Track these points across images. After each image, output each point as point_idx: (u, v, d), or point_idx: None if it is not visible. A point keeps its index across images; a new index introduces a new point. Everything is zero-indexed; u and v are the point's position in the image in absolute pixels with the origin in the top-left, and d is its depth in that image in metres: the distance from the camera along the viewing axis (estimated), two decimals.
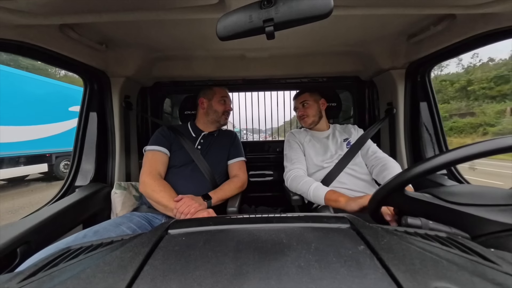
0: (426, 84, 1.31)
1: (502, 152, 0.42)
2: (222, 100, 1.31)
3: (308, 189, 1.07)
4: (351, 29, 1.11)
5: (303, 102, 1.35)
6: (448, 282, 0.26)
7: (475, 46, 0.97)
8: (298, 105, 1.39)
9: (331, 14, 0.47)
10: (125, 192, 1.24)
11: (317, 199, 1.04)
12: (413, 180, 0.51)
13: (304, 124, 1.38)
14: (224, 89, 1.37)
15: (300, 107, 1.37)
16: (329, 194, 1.01)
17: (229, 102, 1.36)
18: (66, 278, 0.31)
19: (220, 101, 1.31)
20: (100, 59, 1.19)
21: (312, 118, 1.34)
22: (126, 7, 0.76)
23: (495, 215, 0.46)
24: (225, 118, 1.33)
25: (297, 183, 1.12)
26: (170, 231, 0.43)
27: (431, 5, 0.81)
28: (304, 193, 1.09)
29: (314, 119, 1.34)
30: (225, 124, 1.37)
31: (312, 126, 1.36)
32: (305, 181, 1.10)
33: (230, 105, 1.36)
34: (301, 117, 1.36)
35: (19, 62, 10.02)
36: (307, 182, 1.10)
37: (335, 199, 0.99)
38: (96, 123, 1.28)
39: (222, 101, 1.31)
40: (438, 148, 1.32)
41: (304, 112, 1.34)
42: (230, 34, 0.52)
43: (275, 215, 0.48)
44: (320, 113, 1.36)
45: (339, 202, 0.97)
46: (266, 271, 0.30)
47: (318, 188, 1.05)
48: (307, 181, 1.10)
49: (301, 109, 1.36)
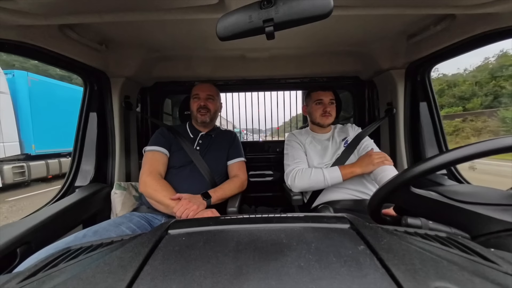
0: (426, 84, 1.31)
1: (502, 152, 0.42)
2: (195, 97, 1.27)
3: (323, 175, 1.10)
4: (351, 29, 1.11)
5: (332, 100, 1.30)
6: (448, 282, 0.26)
7: (475, 46, 0.97)
8: (326, 100, 1.29)
9: (331, 14, 0.47)
10: (125, 192, 1.24)
11: (334, 180, 1.10)
12: (419, 177, 0.50)
13: (325, 121, 1.30)
14: (200, 85, 1.29)
15: (328, 103, 1.29)
16: (343, 169, 1.10)
17: (203, 97, 1.25)
18: (66, 279, 0.31)
19: (194, 99, 1.27)
20: (100, 59, 1.19)
21: (333, 119, 1.31)
22: (126, 7, 0.76)
23: (498, 214, 0.46)
24: (200, 115, 1.24)
25: (308, 176, 1.13)
26: (170, 231, 0.43)
27: (431, 5, 0.81)
28: (320, 181, 1.11)
29: (333, 120, 1.32)
30: (204, 122, 1.26)
31: (319, 129, 1.35)
32: (315, 171, 1.13)
33: (203, 101, 1.24)
34: (326, 114, 1.28)
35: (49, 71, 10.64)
36: (317, 170, 1.13)
37: (350, 171, 1.10)
38: (96, 123, 1.28)
39: (195, 99, 1.27)
40: (438, 148, 1.32)
41: (332, 110, 1.29)
42: (230, 34, 0.52)
43: (275, 215, 0.48)
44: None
45: (355, 171, 1.09)
46: (266, 271, 0.30)
47: (331, 170, 1.11)
48: (316, 170, 1.13)
49: (329, 106, 1.29)
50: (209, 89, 1.28)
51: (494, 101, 17.34)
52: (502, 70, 18.55)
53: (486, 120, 14.53)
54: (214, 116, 1.31)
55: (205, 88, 1.27)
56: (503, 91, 17.46)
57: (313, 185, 1.13)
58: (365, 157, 1.12)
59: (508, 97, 16.93)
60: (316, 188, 1.17)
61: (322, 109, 1.28)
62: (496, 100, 17.37)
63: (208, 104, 1.25)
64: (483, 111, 15.94)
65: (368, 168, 1.08)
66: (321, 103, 1.29)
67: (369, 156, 1.10)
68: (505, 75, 18.18)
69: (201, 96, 1.26)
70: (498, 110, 14.62)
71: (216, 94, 1.31)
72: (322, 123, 1.31)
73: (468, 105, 18.54)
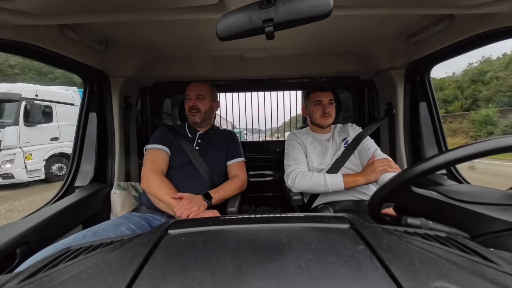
0: (426, 84, 1.32)
1: (502, 151, 0.42)
2: (186, 98, 1.26)
3: (324, 179, 1.09)
4: (350, 29, 1.11)
5: (331, 100, 1.28)
6: (447, 282, 0.26)
7: (475, 46, 0.97)
8: (325, 101, 1.27)
9: (330, 14, 0.47)
10: (125, 192, 1.23)
11: (336, 186, 1.07)
12: (419, 177, 0.50)
13: (325, 122, 1.29)
14: (191, 85, 1.27)
15: (327, 104, 1.27)
16: (346, 177, 1.07)
17: (193, 97, 1.23)
18: (65, 279, 0.31)
19: (186, 99, 1.26)
20: (99, 59, 1.19)
21: (333, 120, 1.30)
22: (126, 7, 0.76)
23: (497, 214, 0.46)
24: (191, 115, 1.24)
25: (309, 179, 1.12)
26: (170, 231, 0.43)
27: (430, 5, 0.81)
28: (320, 185, 1.09)
29: (333, 121, 1.31)
30: (194, 122, 1.26)
31: (319, 129, 1.34)
32: (316, 175, 1.12)
33: (192, 102, 1.23)
34: (326, 115, 1.27)
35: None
36: (318, 175, 1.12)
37: (353, 180, 1.07)
38: (96, 124, 1.28)
39: (187, 99, 1.26)
40: (438, 148, 1.32)
41: (331, 111, 1.27)
42: (229, 34, 0.52)
43: (275, 215, 0.48)
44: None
45: (358, 180, 1.06)
46: (266, 271, 0.30)
47: (333, 176, 1.09)
48: (318, 174, 1.12)
49: (328, 106, 1.27)
50: (198, 89, 1.25)
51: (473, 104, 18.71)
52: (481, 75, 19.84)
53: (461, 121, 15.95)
54: (206, 116, 1.27)
55: (195, 88, 1.25)
56: (480, 95, 18.82)
57: (313, 188, 1.13)
58: (368, 166, 1.10)
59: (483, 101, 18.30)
60: (315, 192, 1.16)
61: (321, 110, 1.27)
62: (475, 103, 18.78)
63: (198, 104, 1.23)
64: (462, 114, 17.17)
65: (372, 177, 1.05)
66: (320, 104, 1.28)
67: (371, 165, 1.08)
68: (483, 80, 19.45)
69: (191, 96, 1.24)
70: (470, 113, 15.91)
71: (208, 93, 1.27)
72: (322, 124, 1.30)
73: (450, 108, 19.70)
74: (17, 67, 14.28)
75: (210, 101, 1.28)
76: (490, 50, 28.81)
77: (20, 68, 14.43)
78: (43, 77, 15.45)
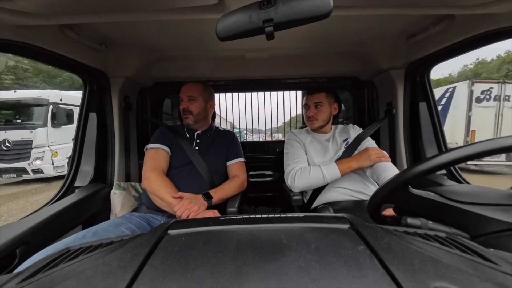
0: (426, 84, 1.32)
1: (502, 152, 0.42)
2: (180, 100, 1.25)
3: (321, 172, 1.10)
4: (350, 29, 1.11)
5: (317, 103, 1.23)
6: (447, 282, 0.26)
7: (475, 47, 0.97)
8: (310, 104, 1.25)
9: (330, 15, 0.47)
10: (125, 192, 1.23)
11: (333, 176, 1.10)
12: (418, 177, 0.50)
13: (311, 126, 1.29)
14: (183, 86, 1.25)
15: (312, 107, 1.24)
16: (340, 165, 1.11)
17: (185, 99, 1.21)
18: (65, 279, 0.31)
19: (180, 101, 1.25)
20: (99, 59, 1.19)
21: (321, 123, 1.26)
22: (126, 7, 0.76)
23: (497, 214, 0.46)
24: (184, 118, 1.23)
25: (308, 174, 1.13)
26: (170, 231, 0.43)
27: (430, 6, 0.81)
28: (319, 178, 1.11)
29: (323, 124, 1.27)
30: (188, 124, 1.26)
31: (317, 130, 1.32)
32: (313, 169, 1.13)
33: (184, 104, 1.21)
34: (311, 118, 1.25)
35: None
36: (316, 168, 1.13)
37: (347, 166, 1.10)
38: (95, 124, 1.28)
39: (180, 101, 1.24)
40: (438, 148, 1.32)
41: (315, 114, 1.24)
42: (229, 35, 0.52)
43: (275, 215, 0.48)
44: (330, 118, 1.29)
45: (352, 165, 1.10)
46: (266, 272, 0.30)
47: (328, 166, 1.11)
48: (315, 168, 1.13)
49: (313, 110, 1.24)
50: (190, 90, 1.22)
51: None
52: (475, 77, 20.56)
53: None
54: (198, 118, 1.24)
55: (186, 90, 1.23)
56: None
57: (313, 184, 1.13)
58: (363, 152, 1.14)
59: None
60: (316, 186, 1.16)
61: (308, 114, 1.27)
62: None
63: (189, 106, 1.21)
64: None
65: (365, 163, 1.09)
66: (306, 107, 1.28)
67: (367, 151, 1.12)
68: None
69: (183, 99, 1.22)
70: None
71: (199, 93, 1.23)
72: (310, 126, 1.33)
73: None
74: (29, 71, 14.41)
75: (203, 101, 1.24)
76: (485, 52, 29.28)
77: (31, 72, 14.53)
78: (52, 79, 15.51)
